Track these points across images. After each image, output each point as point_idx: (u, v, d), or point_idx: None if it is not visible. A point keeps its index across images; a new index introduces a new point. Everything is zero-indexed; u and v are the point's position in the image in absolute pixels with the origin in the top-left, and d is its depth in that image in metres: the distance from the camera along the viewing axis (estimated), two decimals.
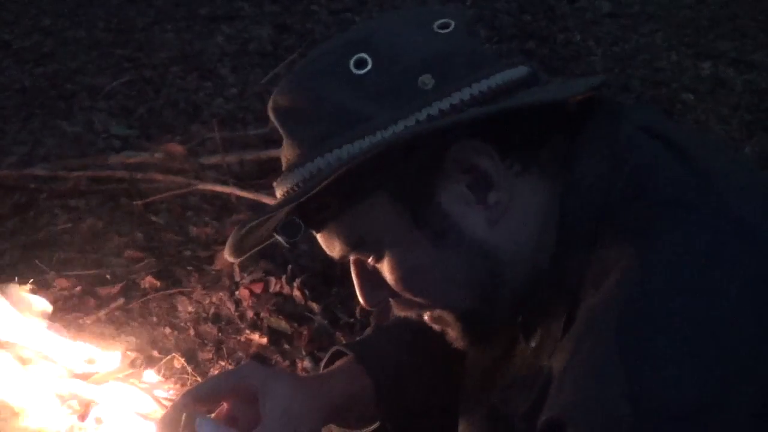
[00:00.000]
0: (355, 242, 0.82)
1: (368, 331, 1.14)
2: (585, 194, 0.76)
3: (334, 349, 1.08)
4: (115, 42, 3.89)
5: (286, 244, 0.85)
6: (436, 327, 0.87)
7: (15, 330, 1.71)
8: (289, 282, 2.13)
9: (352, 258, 0.86)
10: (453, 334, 0.86)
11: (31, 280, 2.05)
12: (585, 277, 0.75)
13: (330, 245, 0.85)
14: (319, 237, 0.86)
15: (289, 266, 2.19)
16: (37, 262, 2.24)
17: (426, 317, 0.87)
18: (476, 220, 0.79)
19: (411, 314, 0.87)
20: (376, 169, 0.77)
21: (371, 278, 0.86)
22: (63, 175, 2.62)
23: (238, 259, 0.91)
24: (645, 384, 0.63)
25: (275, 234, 0.85)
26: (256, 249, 0.92)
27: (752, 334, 0.65)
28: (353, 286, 0.89)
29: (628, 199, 0.74)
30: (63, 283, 2.16)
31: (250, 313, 2.07)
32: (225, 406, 0.95)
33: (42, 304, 1.78)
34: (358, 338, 1.12)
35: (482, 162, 0.78)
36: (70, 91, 3.41)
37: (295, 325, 2.02)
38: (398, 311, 0.88)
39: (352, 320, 2.04)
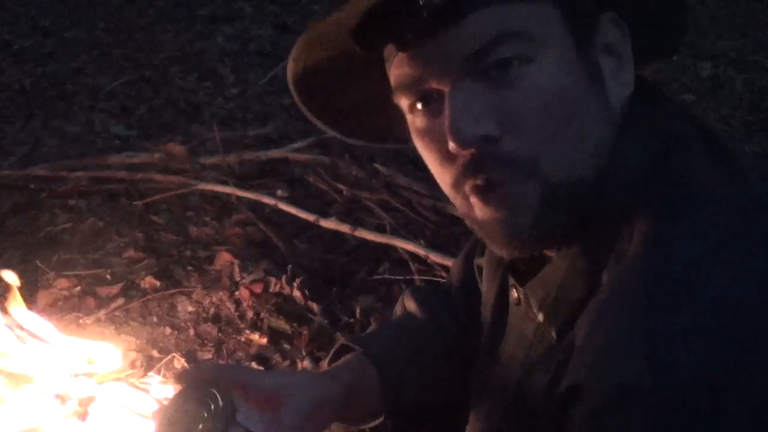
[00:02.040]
0: (510, 35, 0.71)
1: (372, 328, 1.14)
2: (628, 162, 0.75)
3: (341, 342, 1.08)
4: (115, 42, 3.89)
5: (422, 11, 0.69)
6: (485, 205, 0.76)
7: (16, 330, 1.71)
8: (289, 282, 2.13)
9: (450, 82, 0.73)
10: (505, 219, 0.75)
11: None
12: (612, 247, 0.73)
13: (467, 37, 0.71)
14: (449, 31, 0.71)
15: (289, 266, 2.19)
16: (37, 262, 2.24)
17: (488, 191, 0.74)
18: (615, 93, 0.76)
19: (477, 179, 0.74)
20: None
21: (482, 103, 0.72)
22: (63, 175, 2.62)
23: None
24: (666, 354, 0.62)
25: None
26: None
27: None
28: (353, 285, 0.85)
29: (659, 173, 0.74)
30: (63, 283, 2.16)
31: (250, 313, 2.07)
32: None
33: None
34: (364, 333, 1.11)
35: (625, 45, 0.77)
36: (70, 91, 3.42)
37: (295, 325, 2.02)
38: (464, 172, 0.75)
39: (352, 320, 2.04)
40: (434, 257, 2.06)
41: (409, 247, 2.12)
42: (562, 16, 0.73)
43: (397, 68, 0.75)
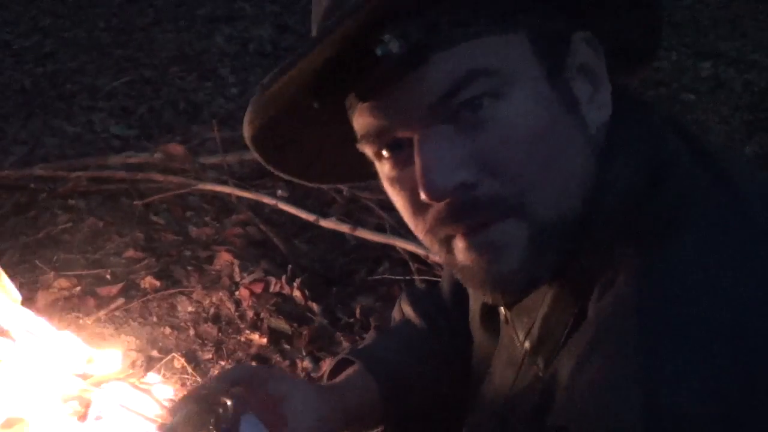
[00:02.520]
0: (478, 73, 0.66)
1: (371, 334, 1.13)
2: (614, 191, 0.72)
3: (339, 356, 1.07)
4: (115, 42, 3.89)
5: (388, 57, 0.65)
6: (471, 253, 0.71)
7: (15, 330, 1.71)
8: (289, 282, 2.13)
9: (419, 130, 0.68)
10: (492, 267, 0.70)
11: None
12: (599, 277, 0.70)
13: (432, 81, 0.66)
14: (412, 77, 0.66)
15: (289, 266, 2.19)
16: (37, 262, 2.24)
17: (475, 235, 0.70)
18: (592, 117, 0.72)
19: (460, 227, 0.70)
20: (523, 9, 0.69)
21: (456, 151, 0.67)
22: (63, 175, 2.62)
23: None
24: (662, 394, 0.60)
25: (381, 41, 0.65)
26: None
27: None
28: (353, 285, 0.84)
29: (649, 200, 0.70)
30: (63, 283, 2.16)
31: (250, 313, 2.07)
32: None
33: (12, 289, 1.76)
34: (362, 344, 1.10)
35: (600, 64, 0.73)
36: (70, 91, 3.42)
37: (295, 325, 2.03)
38: (443, 221, 0.70)
39: (352, 320, 2.04)
40: (434, 257, 2.06)
41: (409, 247, 2.12)
42: (531, 44, 0.69)
43: (360, 118, 0.70)
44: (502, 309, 0.85)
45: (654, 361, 0.61)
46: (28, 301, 2.05)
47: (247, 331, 2.02)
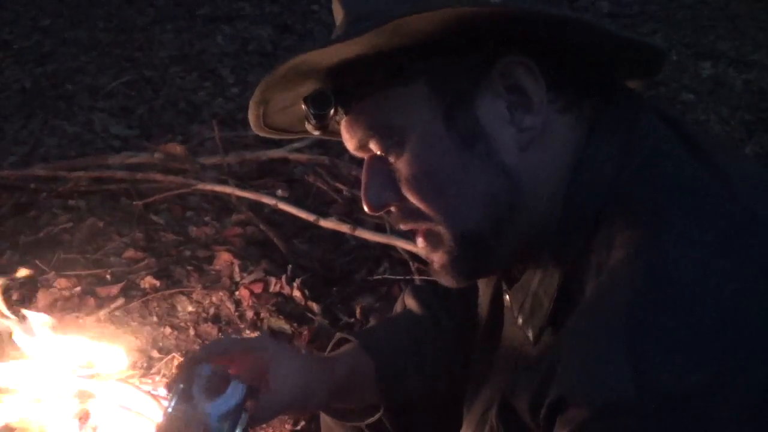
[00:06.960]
0: (380, 127, 0.80)
1: (372, 323, 1.15)
2: (597, 168, 0.77)
3: (338, 336, 1.09)
4: (115, 42, 3.89)
5: (312, 119, 0.81)
6: (425, 250, 0.84)
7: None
8: (289, 282, 2.14)
9: (367, 154, 0.83)
10: (442, 260, 0.83)
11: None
12: (588, 253, 0.75)
13: (351, 131, 0.82)
14: (343, 123, 0.82)
15: (289, 266, 2.19)
16: (37, 262, 2.24)
17: (420, 235, 0.84)
18: (507, 140, 0.78)
19: (406, 227, 0.84)
20: (424, 56, 0.76)
21: (382, 178, 0.82)
22: (63, 175, 2.62)
23: (259, 131, 0.91)
24: (649, 366, 0.63)
25: (304, 104, 0.81)
26: (278, 132, 0.91)
27: (760, 322, 0.66)
28: (353, 285, 0.88)
29: (641, 181, 0.75)
30: (63, 283, 2.16)
31: (250, 313, 2.07)
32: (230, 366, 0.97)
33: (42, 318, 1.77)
34: (363, 329, 1.13)
35: (528, 83, 0.77)
36: (70, 91, 3.42)
37: (295, 325, 2.03)
38: (396, 222, 0.85)
39: (352, 320, 2.04)
40: None
41: (409, 247, 2.12)
42: (430, 89, 0.77)
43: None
44: (506, 296, 0.89)
45: (642, 336, 0.65)
46: (28, 301, 2.06)
47: (247, 331, 2.02)
